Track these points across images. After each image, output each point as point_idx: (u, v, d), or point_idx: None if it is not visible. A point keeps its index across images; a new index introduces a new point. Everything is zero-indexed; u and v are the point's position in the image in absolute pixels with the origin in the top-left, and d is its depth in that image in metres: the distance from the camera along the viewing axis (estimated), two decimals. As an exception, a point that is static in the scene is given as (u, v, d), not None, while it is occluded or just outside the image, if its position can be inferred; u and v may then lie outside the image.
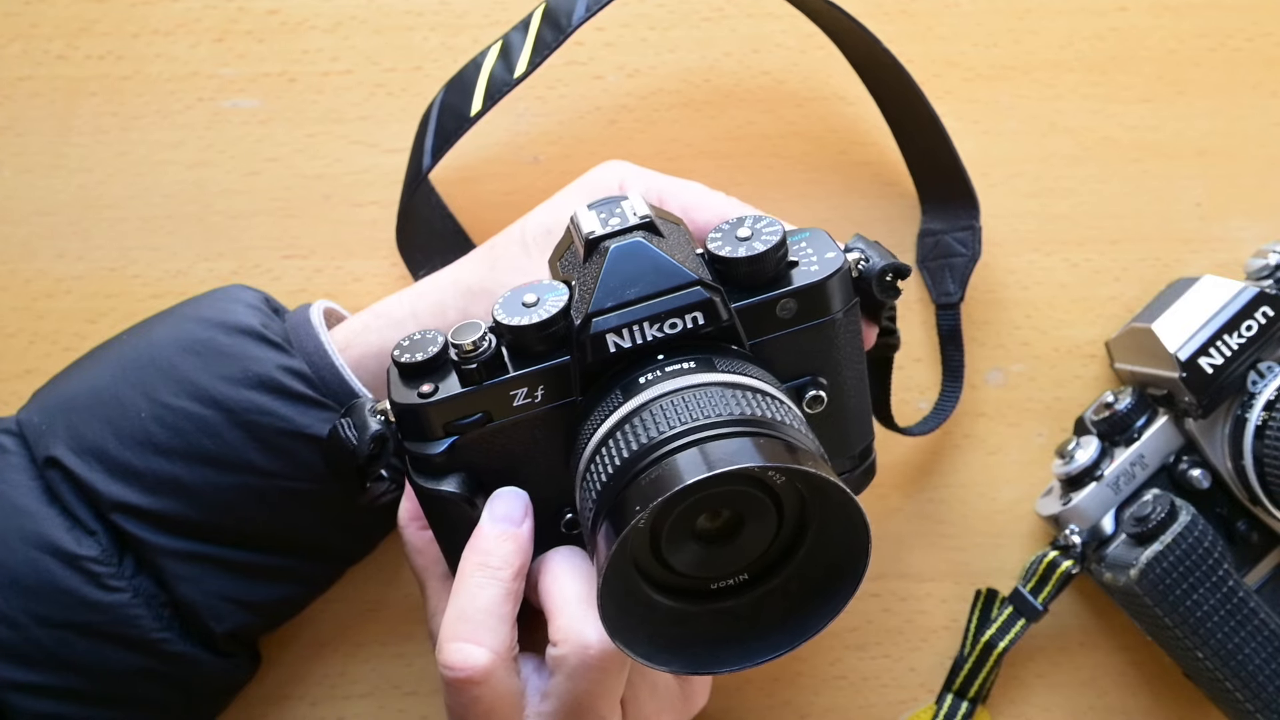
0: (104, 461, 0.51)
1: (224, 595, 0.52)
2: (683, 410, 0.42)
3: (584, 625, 0.45)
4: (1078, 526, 0.58)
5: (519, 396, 0.46)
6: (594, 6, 0.56)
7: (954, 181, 0.60)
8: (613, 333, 0.45)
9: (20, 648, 0.50)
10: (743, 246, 0.47)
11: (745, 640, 0.44)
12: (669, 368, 0.44)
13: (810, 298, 0.47)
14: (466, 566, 0.46)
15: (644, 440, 0.42)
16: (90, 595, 0.50)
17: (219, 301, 0.54)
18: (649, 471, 0.41)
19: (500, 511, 0.46)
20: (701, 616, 0.45)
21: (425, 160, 0.58)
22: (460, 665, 0.44)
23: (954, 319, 0.61)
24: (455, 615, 0.45)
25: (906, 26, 0.63)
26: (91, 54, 0.63)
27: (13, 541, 0.50)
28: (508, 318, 0.46)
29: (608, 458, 0.43)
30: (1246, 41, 0.63)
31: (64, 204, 0.62)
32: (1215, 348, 0.55)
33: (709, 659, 0.44)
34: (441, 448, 0.46)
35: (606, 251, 0.45)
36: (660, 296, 0.45)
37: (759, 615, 0.45)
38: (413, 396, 0.46)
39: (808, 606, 0.44)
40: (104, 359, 0.54)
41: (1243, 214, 0.62)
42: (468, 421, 0.46)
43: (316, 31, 0.63)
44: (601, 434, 0.44)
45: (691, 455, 0.40)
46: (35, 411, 0.53)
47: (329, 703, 0.61)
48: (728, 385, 0.43)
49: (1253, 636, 0.55)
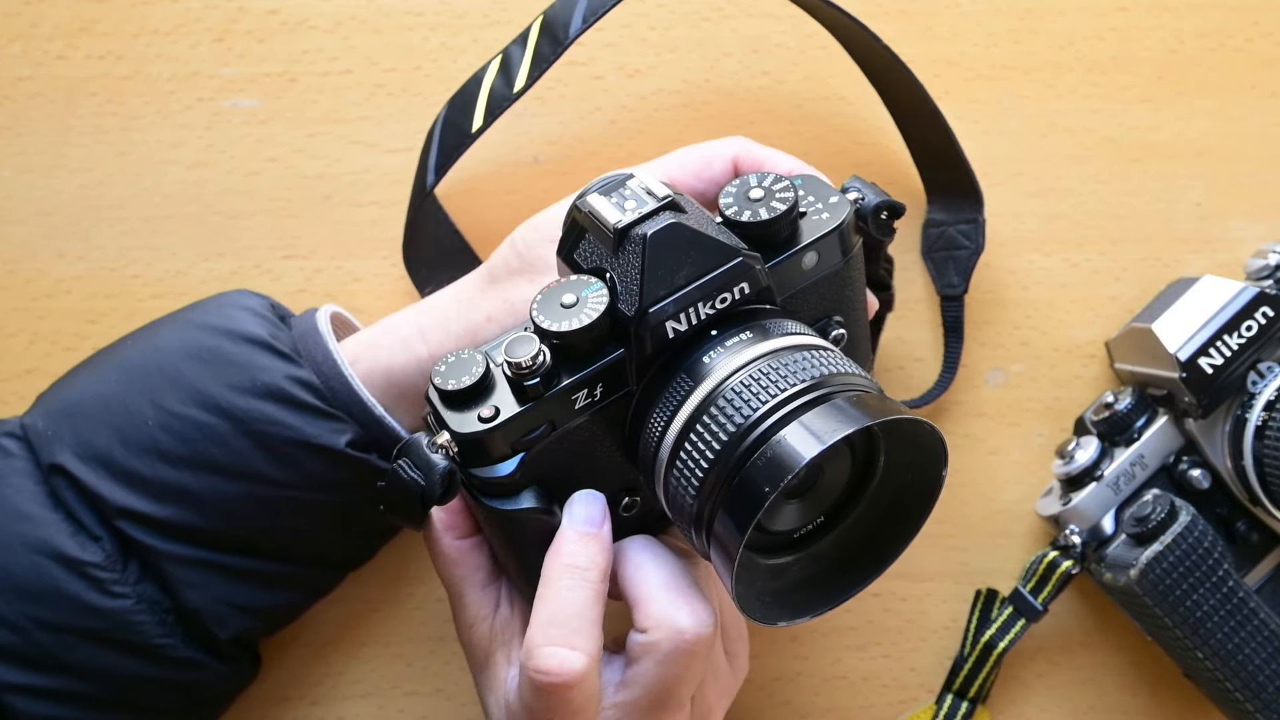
0: (110, 468, 0.51)
1: (228, 601, 0.52)
2: (763, 385, 0.43)
3: (675, 611, 0.46)
4: (1078, 526, 0.58)
5: (580, 399, 0.45)
6: (590, 18, 0.56)
7: (958, 174, 0.61)
8: (671, 319, 0.45)
9: (22, 651, 0.50)
10: (761, 208, 0.47)
11: (833, 579, 0.46)
12: (729, 342, 0.45)
13: (828, 246, 0.48)
14: (552, 571, 0.46)
15: (739, 421, 0.43)
16: (93, 601, 0.50)
17: (225, 308, 0.54)
18: (760, 452, 0.42)
19: (581, 515, 0.47)
20: (792, 566, 0.46)
21: (429, 178, 0.58)
22: (558, 670, 0.44)
23: (958, 310, 0.61)
24: (546, 620, 0.45)
25: (906, 26, 0.63)
26: (91, 54, 0.63)
27: (16, 546, 0.50)
28: (552, 323, 0.45)
29: (702, 444, 0.43)
30: (1246, 41, 0.63)
31: (64, 204, 0.62)
32: (1215, 348, 0.55)
33: (807, 603, 0.45)
34: (512, 468, 0.45)
35: (643, 239, 0.44)
36: (708, 274, 0.45)
37: (841, 552, 0.47)
38: (474, 423, 0.45)
39: (885, 534, 0.46)
40: (110, 364, 0.54)
41: (1243, 214, 0.62)
42: (534, 435, 0.45)
43: (316, 31, 0.63)
44: (683, 421, 0.44)
45: (797, 431, 0.42)
46: (40, 416, 0.53)
47: (329, 703, 0.61)
48: (788, 349, 0.45)
49: (1253, 636, 0.55)
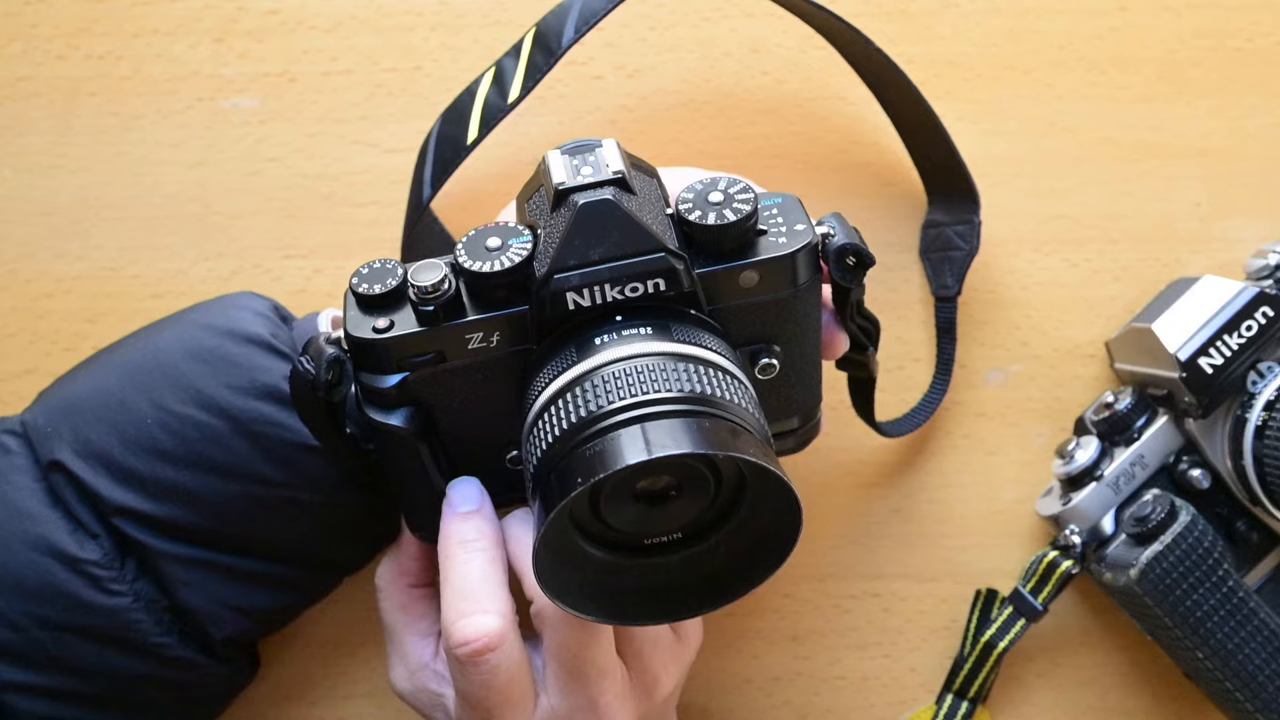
0: (108, 466, 0.51)
1: (225, 602, 0.52)
2: (631, 382, 0.42)
3: None
4: (1078, 526, 0.58)
5: (474, 340, 0.46)
6: (583, 27, 0.56)
7: (954, 175, 0.60)
8: (573, 291, 0.45)
9: (20, 649, 0.50)
10: (713, 213, 0.46)
11: (670, 596, 0.45)
12: (625, 331, 0.44)
13: (773, 270, 0.47)
14: (445, 553, 0.47)
15: (590, 409, 0.42)
16: (91, 598, 0.50)
17: (228, 309, 0.54)
18: (592, 444, 0.41)
19: (457, 498, 0.48)
20: (631, 570, 0.46)
21: (425, 191, 0.58)
22: (475, 635, 0.45)
23: (950, 312, 0.61)
24: (454, 595, 0.46)
25: (906, 26, 0.63)
26: (91, 54, 0.63)
27: (14, 543, 0.50)
28: (470, 261, 0.45)
29: (554, 420, 0.43)
30: (1246, 41, 0.63)
31: (64, 204, 0.62)
32: (1215, 348, 0.55)
33: (634, 611, 0.45)
34: (392, 382, 0.46)
35: (575, 206, 0.44)
36: (624, 259, 0.45)
37: (686, 574, 0.46)
38: (368, 330, 0.46)
39: (733, 572, 0.45)
40: (110, 363, 0.54)
41: (1243, 214, 0.62)
42: (421, 359, 0.46)
43: (316, 31, 0.63)
44: (551, 392, 0.44)
45: (633, 435, 0.41)
46: (40, 413, 0.53)
47: (329, 703, 0.61)
48: (679, 357, 0.43)
49: (1253, 636, 0.55)
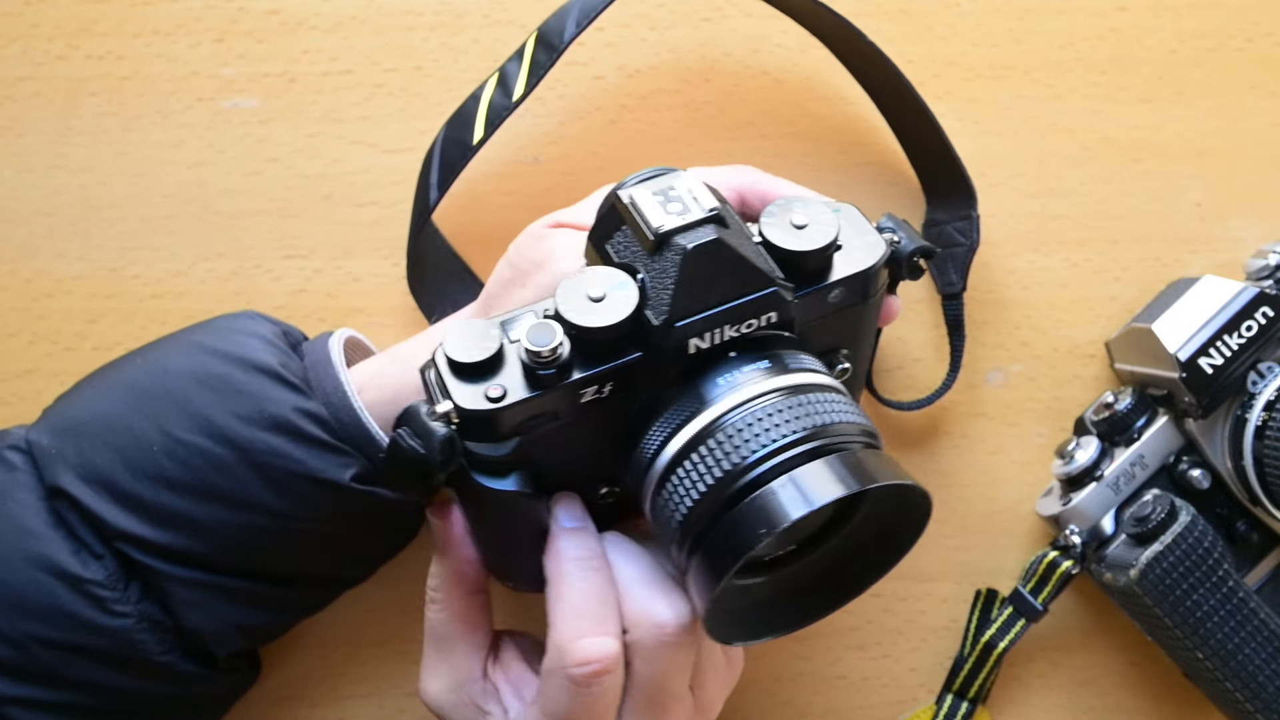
0: (112, 492, 0.50)
1: (228, 621, 0.52)
2: (766, 427, 0.43)
3: (653, 605, 0.45)
4: (1078, 526, 0.58)
5: (588, 394, 0.45)
6: (583, 22, 0.56)
7: (951, 172, 0.61)
8: (695, 336, 0.44)
9: (22, 666, 0.50)
10: (802, 238, 0.46)
11: (795, 605, 0.46)
12: (746, 368, 0.45)
13: (854, 285, 0.48)
14: (559, 569, 0.46)
15: (735, 461, 0.43)
16: (95, 619, 0.50)
17: (236, 334, 0.53)
18: (749, 499, 0.42)
19: (564, 515, 0.47)
20: (755, 588, 0.46)
21: (432, 194, 0.58)
22: (597, 656, 0.44)
23: (958, 308, 0.61)
24: (570, 613, 0.45)
25: (906, 26, 0.63)
26: (91, 54, 0.63)
27: (17, 562, 0.50)
28: (576, 315, 0.44)
29: (695, 474, 0.43)
30: (1246, 41, 0.63)
31: (64, 204, 0.62)
32: (1215, 348, 0.55)
33: (766, 626, 0.46)
34: (508, 449, 0.45)
35: (684, 250, 0.44)
36: (740, 299, 0.45)
37: (805, 581, 0.46)
38: (481, 400, 0.44)
39: (850, 571, 0.46)
40: (116, 383, 0.53)
41: (1243, 214, 0.62)
42: (534, 422, 0.45)
43: (316, 31, 0.63)
44: (683, 442, 0.44)
45: (787, 488, 0.42)
46: (44, 433, 0.52)
47: (329, 703, 0.61)
48: (796, 389, 0.44)
49: (1253, 636, 0.55)
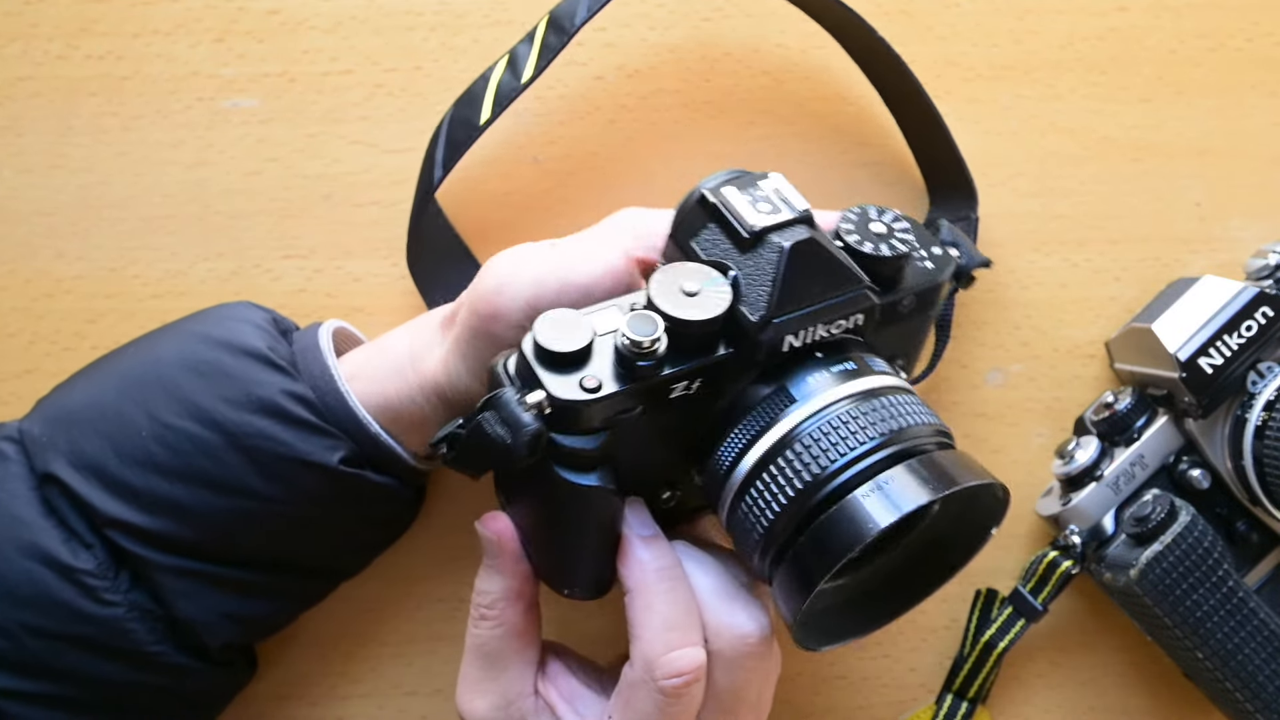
0: (102, 478, 0.50)
1: (220, 611, 0.52)
2: (846, 434, 0.43)
3: (735, 617, 0.45)
4: (1078, 526, 0.58)
5: (677, 390, 0.45)
6: (594, 6, 0.56)
7: (953, 171, 0.61)
8: (791, 334, 0.45)
9: (13, 657, 0.50)
10: (883, 244, 0.47)
11: (863, 609, 0.47)
12: (834, 368, 0.45)
13: (926, 295, 0.49)
14: (643, 580, 0.46)
15: (815, 471, 0.43)
16: (85, 608, 0.50)
17: (226, 321, 0.53)
18: (835, 508, 0.42)
19: (637, 522, 0.47)
20: (825, 593, 0.46)
21: (436, 173, 0.58)
22: (690, 668, 0.44)
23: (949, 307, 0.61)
24: (662, 625, 0.45)
25: (906, 26, 0.63)
26: (91, 54, 0.63)
27: (8, 551, 0.50)
28: (673, 308, 0.44)
29: (775, 485, 0.43)
30: (1246, 41, 0.63)
31: (64, 204, 0.62)
32: (1215, 348, 0.55)
33: (839, 630, 0.46)
34: (597, 443, 0.44)
35: (782, 248, 0.44)
36: (836, 298, 0.45)
37: (876, 584, 0.47)
38: (576, 390, 0.43)
39: (921, 572, 0.47)
40: (108, 372, 0.53)
41: (1243, 214, 0.62)
42: (625, 415, 0.44)
43: (316, 31, 0.63)
44: (765, 449, 0.44)
45: (873, 497, 0.42)
46: (37, 422, 0.52)
47: (329, 703, 0.61)
48: (874, 392, 0.45)
49: (1253, 636, 0.55)
